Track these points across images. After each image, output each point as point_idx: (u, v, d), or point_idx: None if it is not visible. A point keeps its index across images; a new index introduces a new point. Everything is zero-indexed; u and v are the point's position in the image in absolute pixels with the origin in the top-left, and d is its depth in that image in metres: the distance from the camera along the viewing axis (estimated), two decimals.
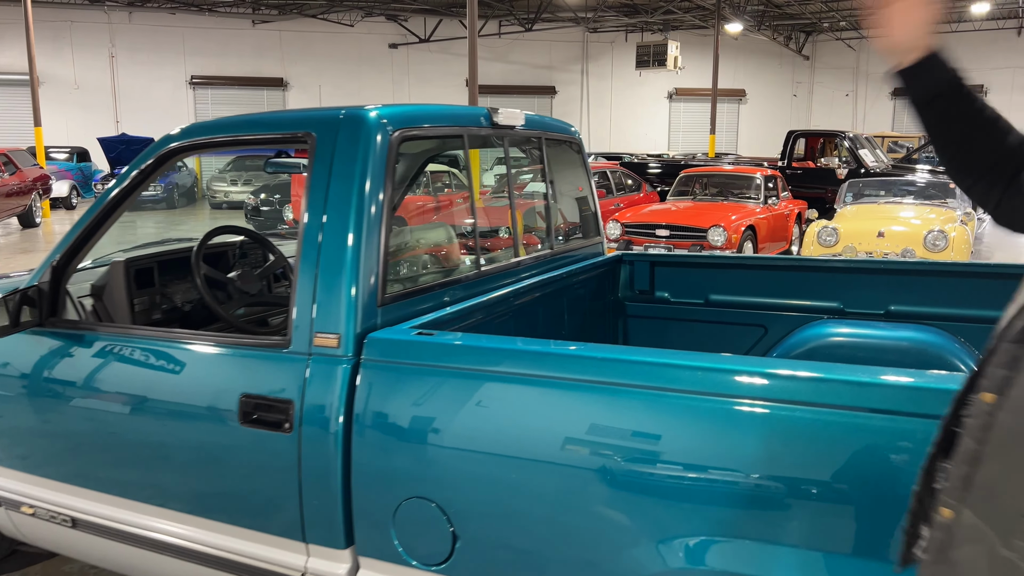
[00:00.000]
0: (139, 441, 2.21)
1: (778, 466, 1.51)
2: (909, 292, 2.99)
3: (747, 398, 1.56)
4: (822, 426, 1.49)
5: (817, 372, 1.54)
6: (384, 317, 2.04)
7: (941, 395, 1.40)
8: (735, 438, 1.55)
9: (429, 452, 1.83)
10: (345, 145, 2.06)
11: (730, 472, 1.54)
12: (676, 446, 1.60)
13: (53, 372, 2.37)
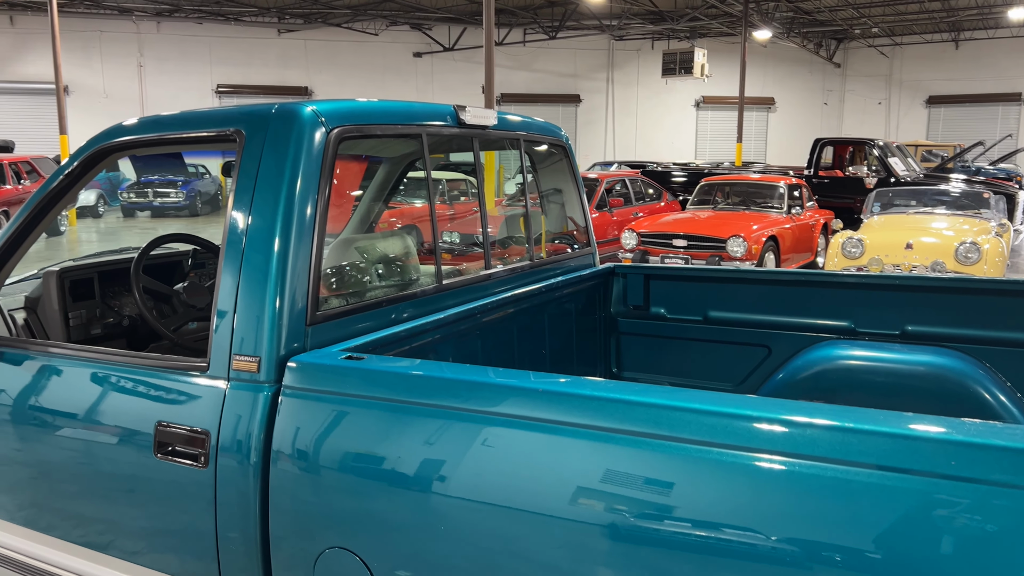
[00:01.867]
0: (57, 471, 2.00)
1: (800, 528, 1.23)
2: (928, 311, 2.68)
3: (758, 450, 1.28)
4: (847, 486, 1.21)
5: (842, 421, 1.25)
6: (315, 338, 1.81)
7: (993, 453, 1.12)
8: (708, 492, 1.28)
9: (354, 496, 1.58)
10: (275, 143, 1.83)
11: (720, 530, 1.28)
12: (645, 489, 1.34)
13: None
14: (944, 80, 26.32)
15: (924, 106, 26.81)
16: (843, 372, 2.68)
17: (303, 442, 1.65)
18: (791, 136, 27.00)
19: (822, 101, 28.02)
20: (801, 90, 27.80)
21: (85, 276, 2.52)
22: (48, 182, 2.19)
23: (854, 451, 1.21)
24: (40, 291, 2.45)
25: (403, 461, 1.54)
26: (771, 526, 1.23)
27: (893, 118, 27.37)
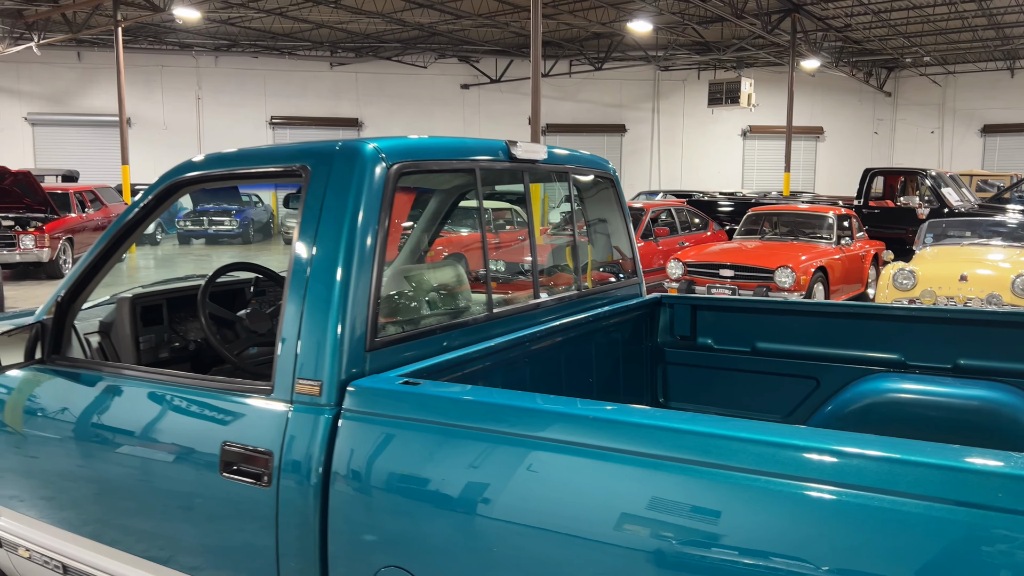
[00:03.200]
0: (124, 488, 2.10)
1: (850, 560, 1.26)
2: (981, 344, 2.66)
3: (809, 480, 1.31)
4: (900, 517, 1.23)
5: (895, 452, 1.27)
6: (373, 363, 1.89)
7: None
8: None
9: (409, 517, 1.65)
10: (339, 178, 1.94)
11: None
12: (700, 523, 1.37)
13: (48, 411, 2.30)
14: (999, 108, 25.76)
15: (979, 135, 26.24)
16: (893, 405, 2.66)
17: (361, 463, 1.72)
18: (840, 165, 26.66)
19: (872, 130, 27.64)
20: (851, 119, 27.48)
21: (155, 303, 2.66)
22: (124, 214, 2.33)
23: (903, 482, 1.23)
24: (113, 316, 2.59)
25: (456, 483, 1.60)
26: (820, 555, 1.26)
27: (947, 147, 26.84)
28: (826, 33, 21.60)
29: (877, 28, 21.11)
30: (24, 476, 2.37)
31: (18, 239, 12.30)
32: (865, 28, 21.15)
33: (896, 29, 21.13)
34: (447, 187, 3.16)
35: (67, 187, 14.61)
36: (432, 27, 21.50)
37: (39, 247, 12.43)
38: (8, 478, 2.42)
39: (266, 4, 18.55)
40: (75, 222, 13.75)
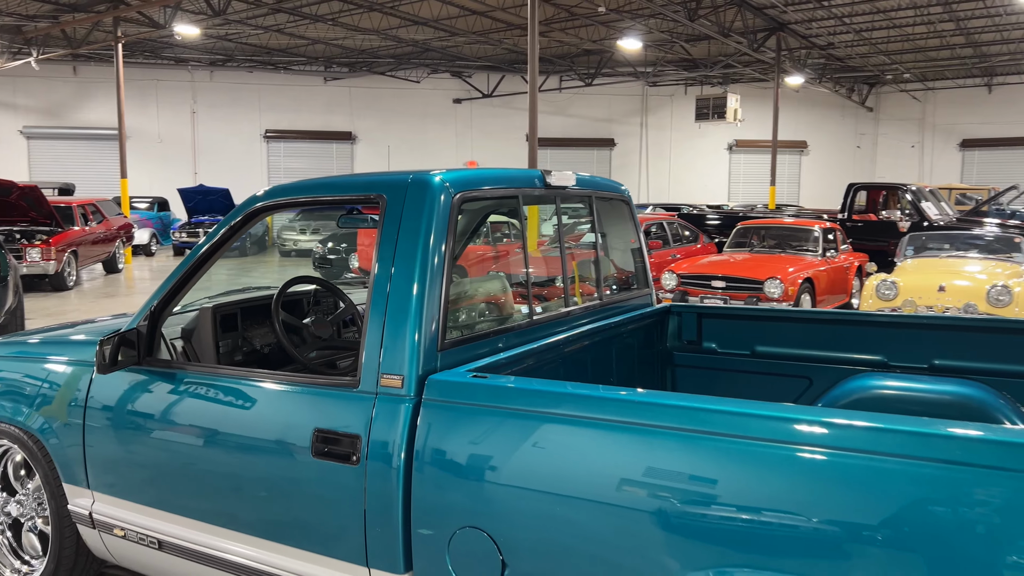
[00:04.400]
0: (221, 470, 2.44)
1: (830, 510, 1.62)
2: (954, 347, 3.05)
3: (805, 444, 1.68)
4: (874, 473, 1.60)
5: (872, 422, 1.65)
6: (444, 361, 2.24)
7: (989, 446, 1.52)
8: (786, 482, 1.68)
9: (483, 486, 2.00)
10: (412, 206, 2.30)
11: (780, 513, 1.67)
12: (727, 488, 1.73)
13: (147, 407, 2.64)
14: (978, 124, 26.50)
15: (958, 149, 26.96)
16: (877, 400, 3.04)
17: (438, 443, 2.08)
18: (824, 179, 27.28)
19: (855, 144, 28.31)
20: (834, 133, 28.15)
21: (231, 311, 3.00)
22: (214, 233, 2.68)
23: (882, 444, 1.61)
24: (194, 324, 2.93)
25: (518, 457, 1.96)
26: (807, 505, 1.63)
27: (927, 161, 27.54)
28: (809, 51, 22.23)
29: (859, 46, 21.75)
30: (122, 464, 2.70)
31: (25, 252, 12.53)
32: (847, 46, 21.79)
33: (877, 47, 21.78)
34: (476, 209, 3.52)
35: (70, 200, 14.85)
36: (426, 43, 21.93)
37: (45, 259, 12.67)
38: (106, 467, 2.75)
39: (264, 21, 18.90)
40: (78, 235, 13.99)
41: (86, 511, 2.83)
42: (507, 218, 12.27)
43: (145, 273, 16.51)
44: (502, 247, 10.43)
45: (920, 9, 17.67)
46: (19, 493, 3.19)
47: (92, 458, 2.78)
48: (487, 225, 11.68)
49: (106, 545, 2.85)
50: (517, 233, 12.29)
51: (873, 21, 18.90)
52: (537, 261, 3.28)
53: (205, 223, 20.83)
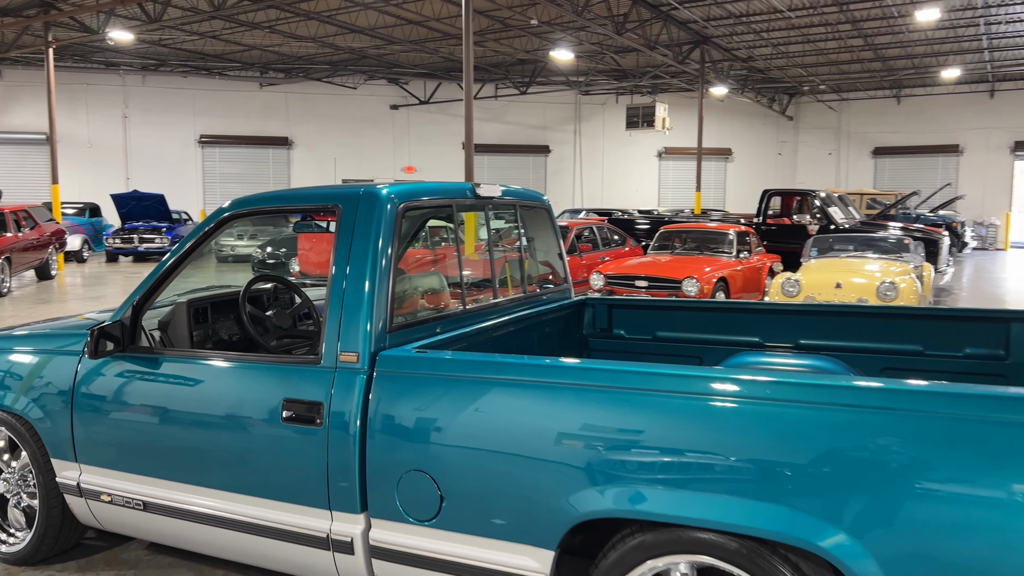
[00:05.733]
0: (201, 437, 2.88)
1: (709, 443, 2.18)
2: (813, 329, 3.70)
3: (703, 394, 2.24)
4: (738, 413, 2.16)
5: (743, 375, 2.22)
6: (391, 341, 2.75)
7: (817, 389, 2.10)
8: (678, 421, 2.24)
9: (425, 437, 2.51)
10: (364, 215, 2.79)
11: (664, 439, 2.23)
12: (621, 425, 2.28)
13: (133, 386, 3.06)
14: (888, 133, 28.20)
15: (871, 157, 28.63)
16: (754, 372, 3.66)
17: (388, 405, 2.58)
18: (748, 184, 28.58)
19: (777, 152, 29.75)
20: (757, 141, 29.53)
21: (202, 306, 3.43)
22: (189, 237, 3.12)
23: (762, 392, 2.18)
24: (170, 316, 3.34)
25: (452, 413, 2.47)
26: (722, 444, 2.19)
27: (843, 168, 29.14)
28: (732, 63, 23.39)
29: (777, 59, 23.00)
30: (110, 438, 3.11)
31: None
32: (766, 59, 23.01)
33: (794, 60, 23.07)
34: (416, 216, 4.02)
35: (2, 207, 14.68)
36: (363, 51, 22.24)
37: None
38: (93, 441, 3.15)
39: (200, 27, 18.94)
40: (11, 241, 13.88)
41: (74, 482, 3.22)
42: (445, 223, 12.80)
43: (77, 279, 16.37)
44: (440, 250, 10.92)
45: (831, 26, 18.89)
46: (5, 472, 3.54)
47: (80, 434, 3.18)
48: (426, 230, 12.17)
49: (92, 511, 3.24)
50: (452, 236, 12.81)
51: (789, 36, 20.08)
52: (472, 260, 3.79)
53: (139, 229, 20.67)
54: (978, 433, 1.91)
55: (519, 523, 2.37)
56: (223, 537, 2.92)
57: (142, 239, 20.71)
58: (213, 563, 3.48)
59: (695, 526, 2.15)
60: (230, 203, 3.11)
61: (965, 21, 18.12)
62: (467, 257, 9.41)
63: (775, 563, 2.09)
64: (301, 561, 2.79)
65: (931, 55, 22.18)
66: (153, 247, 20.73)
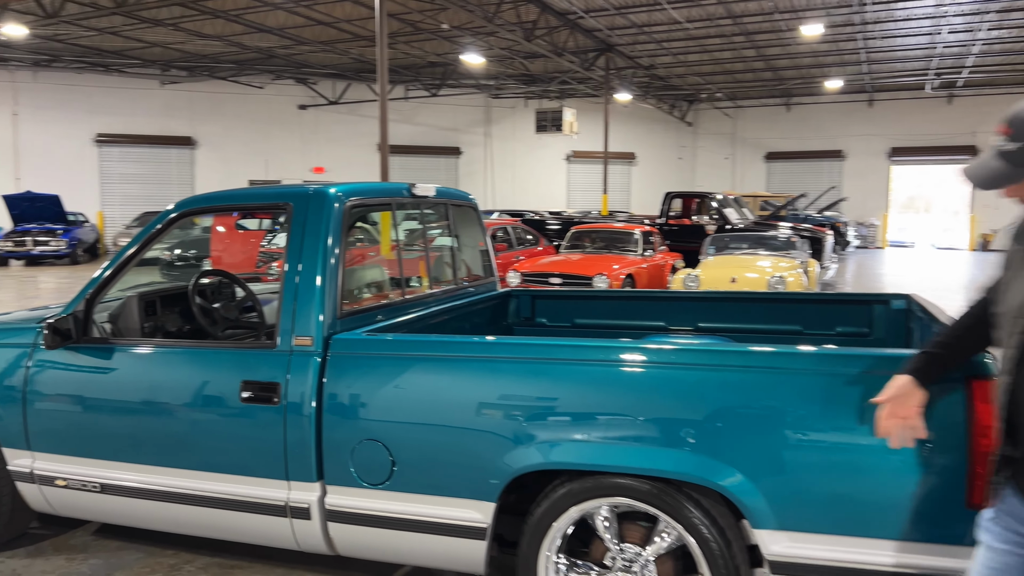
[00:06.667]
0: (160, 419, 3.09)
1: (623, 402, 2.57)
2: (707, 313, 4.20)
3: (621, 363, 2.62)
4: (641, 376, 2.56)
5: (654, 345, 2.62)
6: (342, 326, 3.03)
7: (703, 353, 2.52)
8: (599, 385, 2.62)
9: (376, 410, 2.81)
10: (314, 212, 3.07)
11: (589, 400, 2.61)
12: (534, 394, 2.64)
13: (89, 375, 3.22)
14: (779, 139, 29.92)
15: (763, 161, 30.29)
16: None
17: (342, 383, 2.87)
18: (652, 187, 29.73)
19: (677, 156, 31.08)
20: (659, 146, 30.77)
21: (152, 299, 3.60)
22: (141, 234, 3.31)
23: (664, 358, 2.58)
24: (120, 309, 3.50)
25: (402, 387, 2.78)
26: None
27: (739, 171, 30.72)
28: (635, 70, 24.36)
29: (677, 68, 24.11)
30: (66, 426, 3.26)
31: None
32: (667, 67, 24.09)
33: (692, 68, 24.24)
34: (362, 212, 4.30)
35: None
36: (270, 50, 21.96)
37: None
38: (47, 429, 3.29)
39: (99, 23, 18.31)
40: None
41: (27, 469, 3.35)
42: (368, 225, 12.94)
43: None
44: (371, 248, 11.11)
45: (726, 38, 20.02)
46: None
47: (34, 424, 3.31)
48: (368, 229, 12.33)
49: (46, 496, 3.38)
50: (371, 237, 12.99)
51: (687, 46, 21.13)
52: (407, 256, 4.11)
53: (33, 231, 19.77)
54: (818, 385, 2.37)
55: (463, 481, 2.72)
56: (183, 513, 3.13)
57: (36, 242, 19.82)
58: (163, 543, 3.66)
59: (614, 472, 2.55)
60: (179, 202, 3.31)
61: (845, 36, 19.57)
62: (384, 257, 9.68)
63: (681, 500, 2.51)
64: (260, 530, 3.04)
65: (816, 66, 23.76)
66: (48, 250, 19.86)
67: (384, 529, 2.85)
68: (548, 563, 2.71)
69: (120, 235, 21.01)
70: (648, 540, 2.63)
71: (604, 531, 2.66)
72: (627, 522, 2.68)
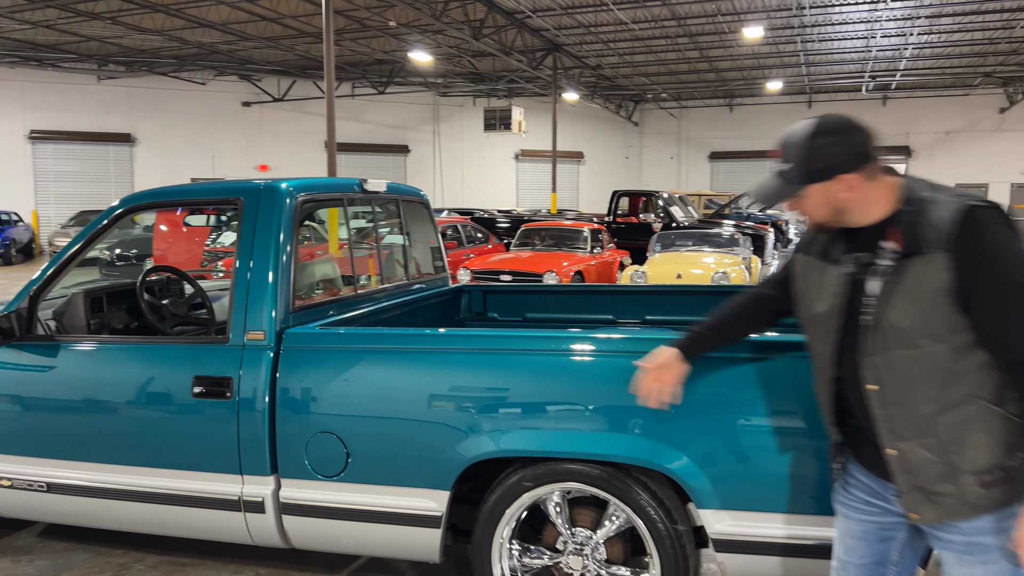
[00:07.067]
0: (111, 416, 3.05)
1: (573, 390, 2.64)
2: (655, 307, 4.32)
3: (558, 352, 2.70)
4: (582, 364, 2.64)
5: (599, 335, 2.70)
6: (295, 320, 3.04)
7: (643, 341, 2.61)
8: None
9: (330, 403, 2.83)
10: (265, 207, 3.07)
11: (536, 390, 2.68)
12: (485, 384, 2.70)
13: (35, 373, 3.16)
14: (723, 139, 30.59)
15: (707, 161, 30.93)
16: None
17: (295, 377, 2.88)
18: (600, 185, 30.08)
19: (624, 155, 31.50)
20: (606, 145, 31.13)
21: (98, 296, 3.54)
22: (87, 230, 3.26)
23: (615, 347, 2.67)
24: (65, 306, 3.44)
25: (356, 380, 2.81)
26: None
27: (683, 170, 31.30)
28: (582, 70, 24.61)
29: (623, 68, 24.45)
30: (9, 425, 3.20)
31: None
32: (613, 68, 24.41)
33: (638, 69, 24.61)
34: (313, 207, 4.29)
35: None
36: (212, 46, 21.54)
37: None
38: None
39: (32, 16, 17.70)
40: None
41: None
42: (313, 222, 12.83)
43: None
44: (322, 245, 11.02)
45: (670, 39, 20.38)
46: None
47: None
48: (315, 227, 12.19)
49: None
50: (318, 236, 12.88)
51: (633, 47, 21.45)
52: (359, 251, 4.12)
53: None
54: (756, 372, 2.48)
55: (418, 470, 2.76)
56: (134, 510, 3.10)
57: None
58: (111, 543, 3.61)
59: (565, 458, 2.63)
60: (125, 197, 3.27)
61: (785, 39, 20.12)
62: (332, 255, 9.62)
63: (630, 483, 2.60)
64: (213, 525, 3.03)
65: (758, 68, 24.36)
66: None
67: (339, 520, 2.87)
68: (502, 549, 2.78)
69: (56, 235, 20.36)
70: (598, 524, 2.72)
71: (556, 516, 2.74)
72: (578, 507, 2.76)
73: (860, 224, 1.82)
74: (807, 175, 1.79)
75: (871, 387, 1.79)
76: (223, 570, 3.38)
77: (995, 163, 26.98)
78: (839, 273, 1.86)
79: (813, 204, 1.83)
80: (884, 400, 1.78)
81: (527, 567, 2.82)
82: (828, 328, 1.88)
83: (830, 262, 1.90)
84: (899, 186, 1.80)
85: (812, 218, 1.88)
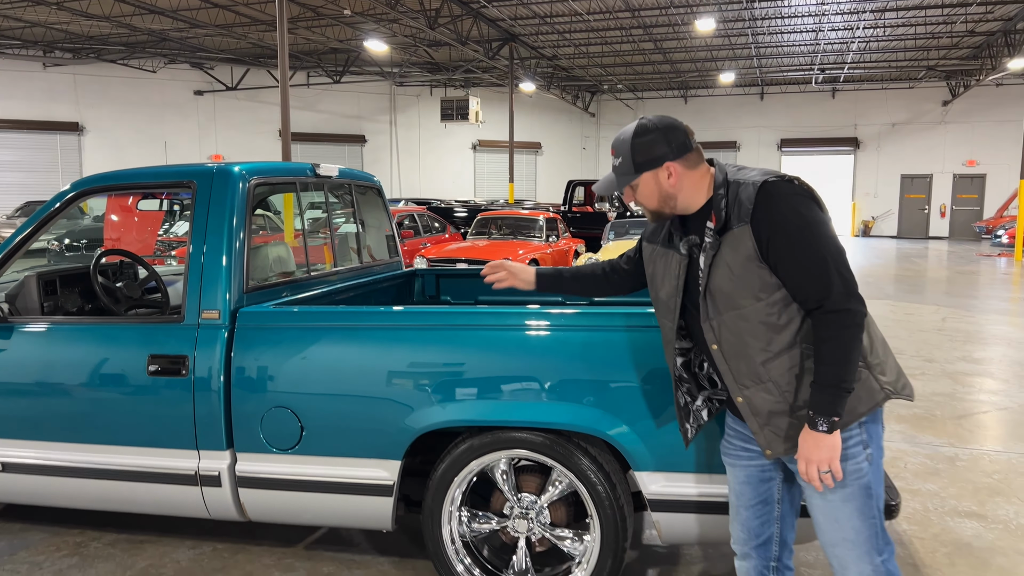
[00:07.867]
0: (67, 395, 3.10)
1: (517, 362, 2.77)
2: None
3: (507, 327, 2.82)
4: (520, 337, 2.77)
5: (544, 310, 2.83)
6: (249, 300, 3.13)
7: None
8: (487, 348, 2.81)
9: (284, 379, 2.93)
10: (219, 190, 3.14)
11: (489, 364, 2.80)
12: (433, 358, 2.83)
13: None
14: None
15: None
16: None
17: (250, 355, 2.97)
18: (557, 176, 30.30)
19: (581, 146, 31.74)
20: (563, 136, 31.33)
21: (51, 278, 3.57)
22: (39, 213, 3.29)
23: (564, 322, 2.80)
24: (18, 289, 3.46)
25: (309, 357, 2.91)
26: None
27: None
28: (539, 60, 24.73)
29: (579, 59, 24.62)
30: None
31: None
32: (569, 58, 24.56)
33: (594, 60, 24.81)
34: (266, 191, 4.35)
35: None
36: (163, 33, 21.13)
37: None
38: None
39: None
40: None
41: None
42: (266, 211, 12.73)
43: None
44: (274, 234, 10.96)
45: (625, 30, 20.61)
46: None
47: None
48: (269, 216, 12.11)
49: None
50: (271, 225, 12.79)
51: (589, 38, 21.63)
52: (312, 236, 4.19)
53: None
54: None
55: (370, 441, 2.88)
56: (90, 487, 3.16)
57: None
58: (67, 523, 3.65)
59: (512, 426, 2.77)
60: (76, 181, 3.31)
61: (737, 31, 20.50)
62: (289, 244, 9.61)
63: (572, 450, 2.75)
64: (170, 500, 3.11)
65: (711, 60, 24.76)
66: None
67: (294, 492, 2.97)
68: (451, 516, 2.91)
69: (1, 225, 19.83)
70: (543, 489, 2.87)
71: (503, 483, 2.88)
72: (524, 474, 2.91)
73: (689, 211, 2.11)
74: (635, 166, 2.08)
75: (714, 347, 2.09)
76: (180, 546, 3.45)
77: (939, 154, 27.86)
78: (680, 258, 2.15)
79: (644, 193, 2.12)
80: (725, 356, 2.07)
81: (476, 531, 2.96)
82: (671, 307, 2.18)
83: (672, 248, 2.19)
84: (712, 173, 2.11)
85: (646, 206, 2.17)
